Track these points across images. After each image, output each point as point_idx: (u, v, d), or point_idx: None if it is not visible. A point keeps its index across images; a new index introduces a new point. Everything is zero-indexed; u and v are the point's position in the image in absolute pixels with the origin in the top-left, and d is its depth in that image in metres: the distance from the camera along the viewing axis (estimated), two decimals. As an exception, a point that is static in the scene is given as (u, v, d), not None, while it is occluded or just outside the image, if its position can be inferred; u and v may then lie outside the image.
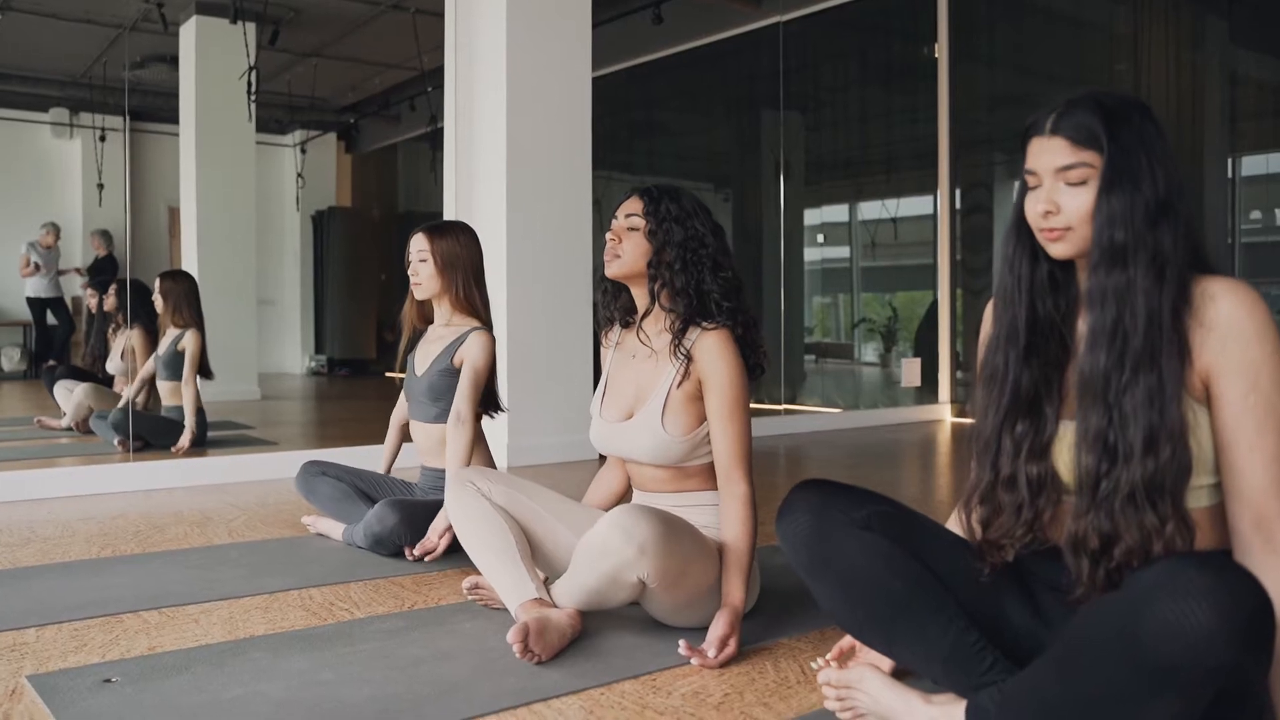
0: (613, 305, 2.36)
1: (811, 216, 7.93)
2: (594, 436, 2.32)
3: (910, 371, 7.14)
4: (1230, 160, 6.20)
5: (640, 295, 2.27)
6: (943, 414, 7.03)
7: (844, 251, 8.00)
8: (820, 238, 8.03)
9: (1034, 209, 1.49)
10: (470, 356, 2.91)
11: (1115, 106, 1.45)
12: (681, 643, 1.95)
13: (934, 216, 7.38)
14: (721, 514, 2.14)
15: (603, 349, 2.41)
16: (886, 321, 7.74)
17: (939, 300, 7.15)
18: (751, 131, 7.84)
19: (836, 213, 8.11)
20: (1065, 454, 1.49)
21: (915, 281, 7.70)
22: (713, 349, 2.14)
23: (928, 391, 7.13)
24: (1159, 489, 1.36)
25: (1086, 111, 1.45)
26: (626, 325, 2.35)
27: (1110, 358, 1.41)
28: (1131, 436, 1.38)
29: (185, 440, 4.67)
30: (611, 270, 2.24)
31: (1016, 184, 1.58)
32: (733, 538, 2.09)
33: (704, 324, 2.16)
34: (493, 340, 2.97)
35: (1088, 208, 1.44)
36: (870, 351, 7.86)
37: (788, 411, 6.76)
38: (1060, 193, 1.46)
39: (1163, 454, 1.36)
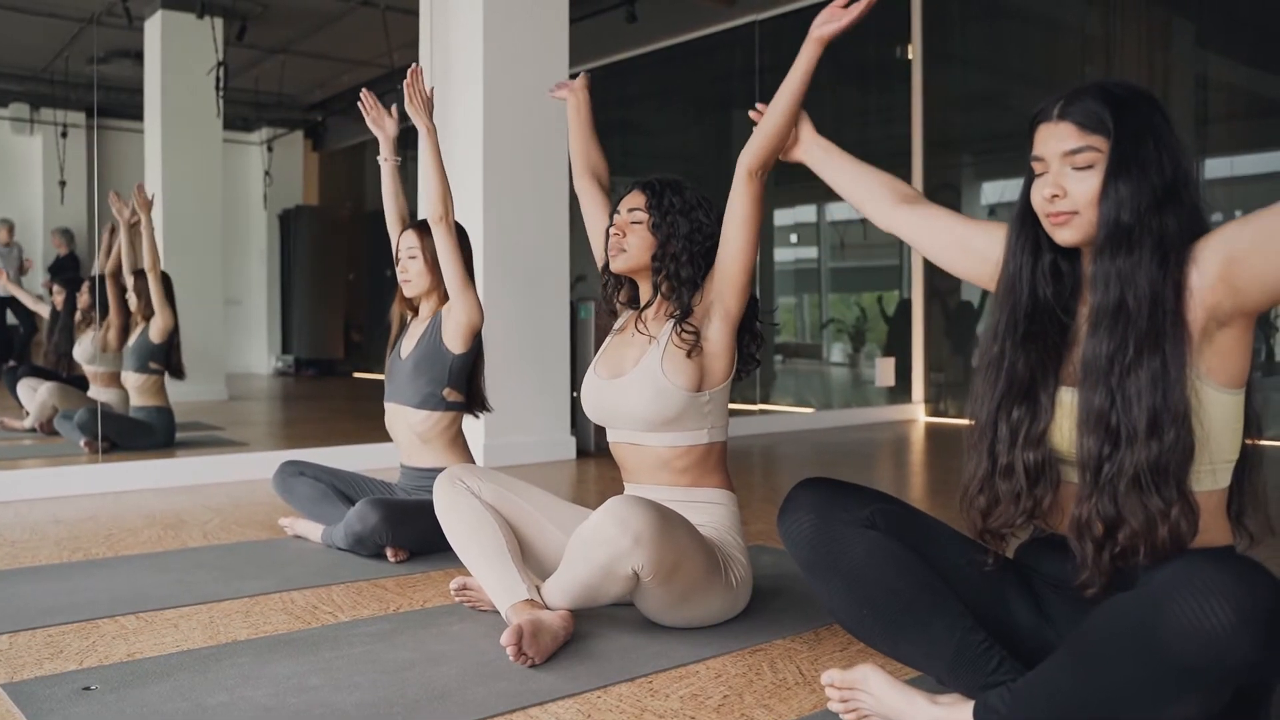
0: (615, 298, 2.35)
1: (781, 217, 7.94)
2: (586, 396, 2.29)
3: (884, 371, 7.15)
4: (1197, 163, 6.26)
5: (646, 288, 2.28)
6: (916, 414, 7.04)
7: (812, 252, 8.01)
8: (793, 238, 8.03)
9: (1040, 194, 1.48)
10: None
11: (1122, 94, 1.45)
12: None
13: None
14: None
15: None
16: (855, 322, 7.76)
17: (912, 299, 7.17)
18: (724, 131, 7.82)
19: (805, 213, 8.11)
20: (1065, 423, 1.48)
21: (882, 282, 7.71)
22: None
23: (901, 391, 7.15)
24: (1163, 472, 1.35)
25: (1094, 98, 1.44)
26: (634, 308, 2.35)
27: (1113, 340, 1.40)
28: (1135, 418, 1.36)
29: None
30: (617, 265, 2.24)
31: (1017, 191, 1.57)
32: None
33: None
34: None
35: (1094, 192, 1.43)
36: (838, 352, 7.87)
37: (762, 411, 6.75)
38: (1067, 177, 1.45)
39: (1167, 436, 1.35)
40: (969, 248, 1.69)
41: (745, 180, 2.09)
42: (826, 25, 1.89)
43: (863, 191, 1.86)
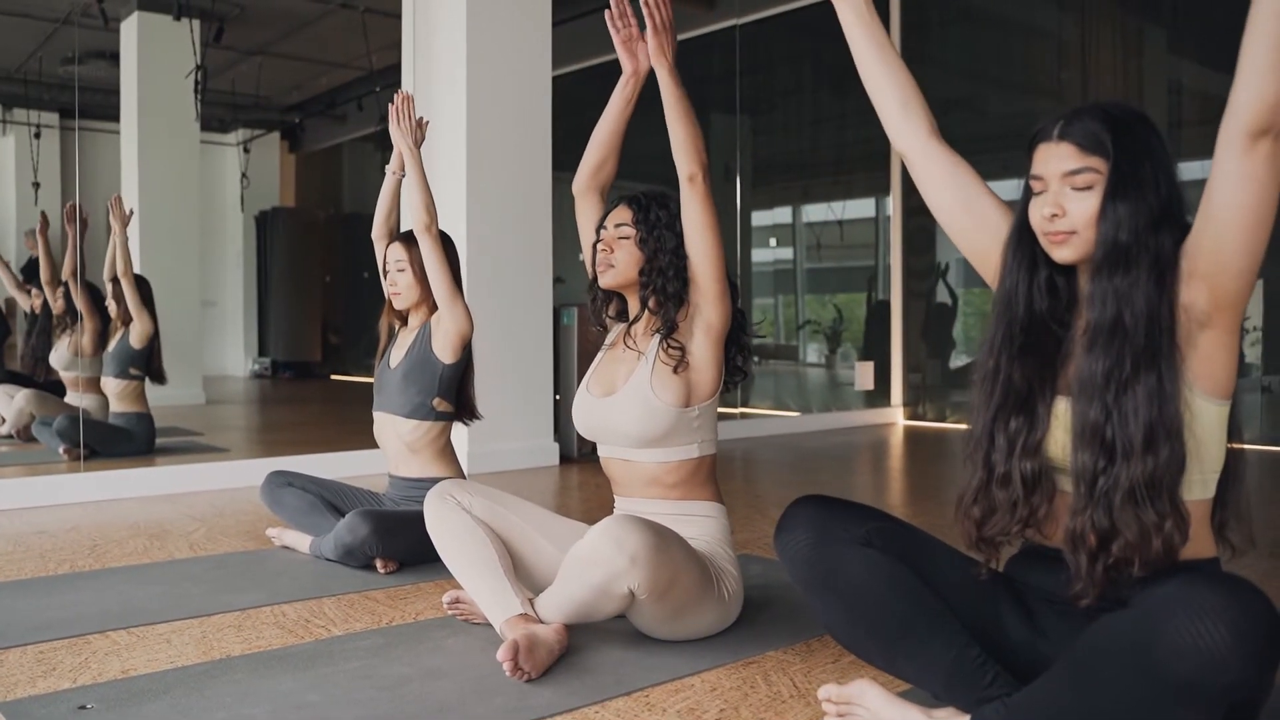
0: (603, 312, 2.35)
1: (759, 218, 7.97)
2: (577, 413, 2.29)
3: (864, 374, 7.20)
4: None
5: (634, 302, 2.28)
6: (895, 417, 7.09)
7: (788, 254, 8.05)
8: (773, 241, 8.07)
9: (1039, 213, 1.51)
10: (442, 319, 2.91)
11: (1120, 116, 1.48)
12: None
13: (875, 220, 7.47)
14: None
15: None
16: (831, 323, 7.80)
17: (890, 302, 7.21)
18: (704, 135, 7.85)
19: (782, 215, 8.15)
20: (1060, 433, 1.51)
21: (858, 283, 7.76)
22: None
23: (879, 395, 7.19)
24: (1157, 485, 1.39)
25: (1093, 120, 1.47)
26: (623, 321, 2.35)
27: (1109, 356, 1.43)
28: (1131, 433, 1.40)
29: None
30: (605, 280, 2.24)
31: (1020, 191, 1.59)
32: None
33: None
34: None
35: (1092, 212, 1.46)
36: (814, 353, 7.91)
37: (743, 415, 6.78)
38: (1066, 197, 1.48)
39: (1162, 451, 1.39)
40: (975, 211, 1.66)
41: (688, 187, 2.13)
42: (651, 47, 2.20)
43: (893, 90, 1.74)
